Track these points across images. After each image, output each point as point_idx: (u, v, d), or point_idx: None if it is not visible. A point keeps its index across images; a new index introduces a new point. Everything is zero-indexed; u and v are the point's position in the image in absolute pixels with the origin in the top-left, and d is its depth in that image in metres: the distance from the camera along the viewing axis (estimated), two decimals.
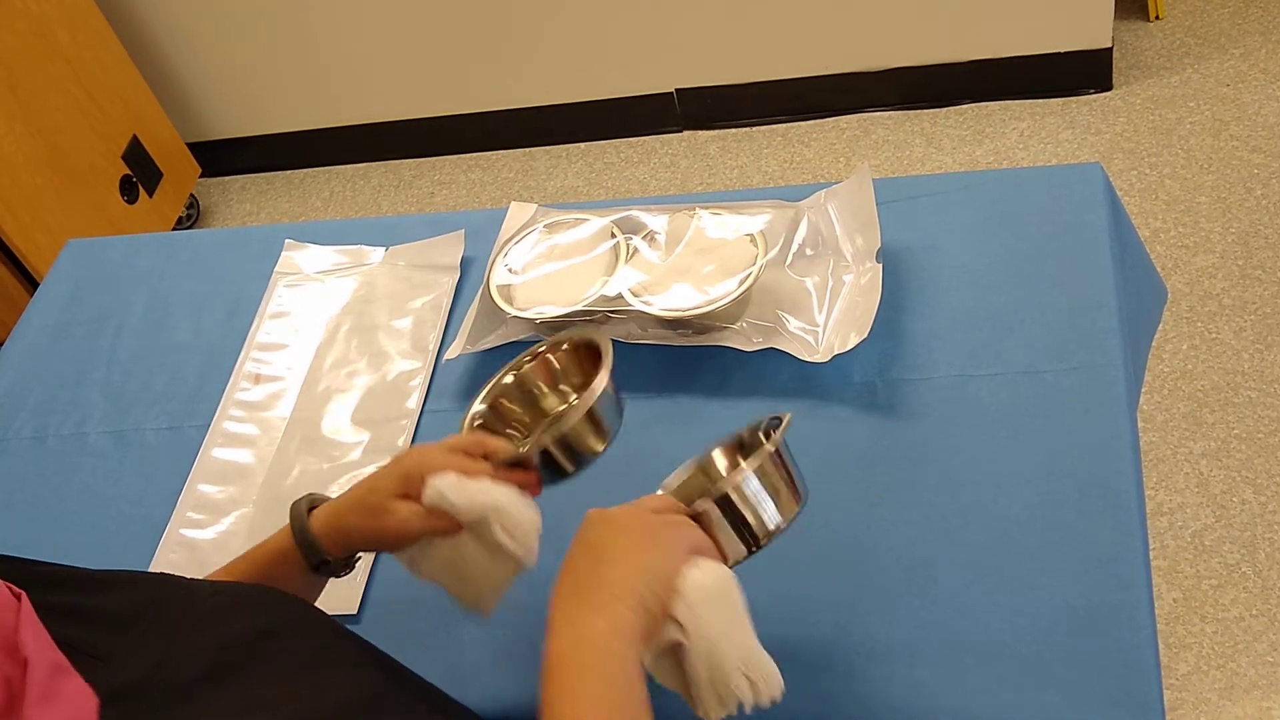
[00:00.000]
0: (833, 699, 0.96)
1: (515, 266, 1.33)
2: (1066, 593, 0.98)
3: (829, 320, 1.21)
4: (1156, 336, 1.77)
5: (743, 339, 1.22)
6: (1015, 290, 1.22)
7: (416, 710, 0.81)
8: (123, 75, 2.70)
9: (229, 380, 1.37)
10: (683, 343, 1.24)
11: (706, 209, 1.32)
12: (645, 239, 1.31)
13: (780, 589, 0.99)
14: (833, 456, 1.03)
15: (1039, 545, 1.01)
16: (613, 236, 1.32)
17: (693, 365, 1.23)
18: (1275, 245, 2.23)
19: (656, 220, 1.32)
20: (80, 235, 1.83)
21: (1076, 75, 2.60)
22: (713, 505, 0.84)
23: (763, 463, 0.85)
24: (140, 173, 2.71)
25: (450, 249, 1.43)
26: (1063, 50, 2.55)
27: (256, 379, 1.37)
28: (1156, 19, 2.74)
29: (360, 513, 0.92)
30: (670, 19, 2.61)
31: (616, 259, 1.29)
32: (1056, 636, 0.95)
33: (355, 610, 1.12)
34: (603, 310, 1.25)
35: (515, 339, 1.29)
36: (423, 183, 2.90)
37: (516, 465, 0.93)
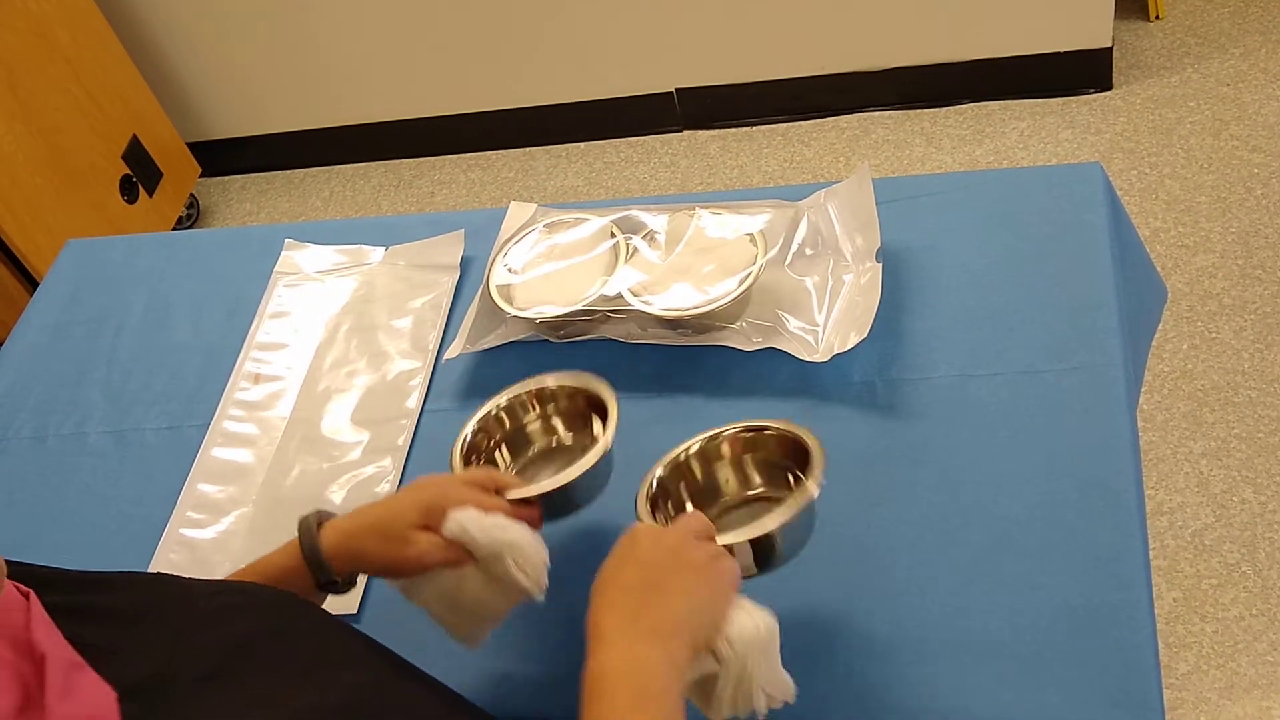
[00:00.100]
0: (833, 699, 0.96)
1: (515, 266, 1.33)
2: (1066, 592, 0.98)
3: (829, 320, 1.21)
4: (1156, 336, 1.77)
5: (742, 339, 1.22)
6: (1015, 290, 1.22)
7: (422, 704, 0.81)
8: (123, 75, 2.70)
9: (229, 380, 1.37)
10: (682, 342, 1.24)
11: (706, 209, 1.32)
12: (645, 239, 1.31)
13: (780, 588, 0.99)
14: (833, 456, 1.02)
15: (1039, 545, 1.01)
16: (612, 236, 1.32)
17: (692, 365, 1.23)
18: (1275, 245, 2.23)
19: (656, 220, 1.32)
20: (80, 235, 1.83)
21: (1076, 75, 2.59)
22: (746, 545, 0.90)
23: (801, 510, 0.91)
24: (140, 172, 2.71)
25: (450, 249, 1.43)
26: (1063, 50, 2.55)
27: (256, 379, 1.37)
28: (1156, 19, 2.73)
29: (379, 539, 0.94)
30: (670, 19, 2.61)
31: (616, 259, 1.29)
32: (1056, 636, 0.95)
33: (355, 610, 1.12)
34: (602, 310, 1.25)
35: (515, 338, 1.29)
36: (422, 182, 2.90)
37: (522, 501, 0.98)
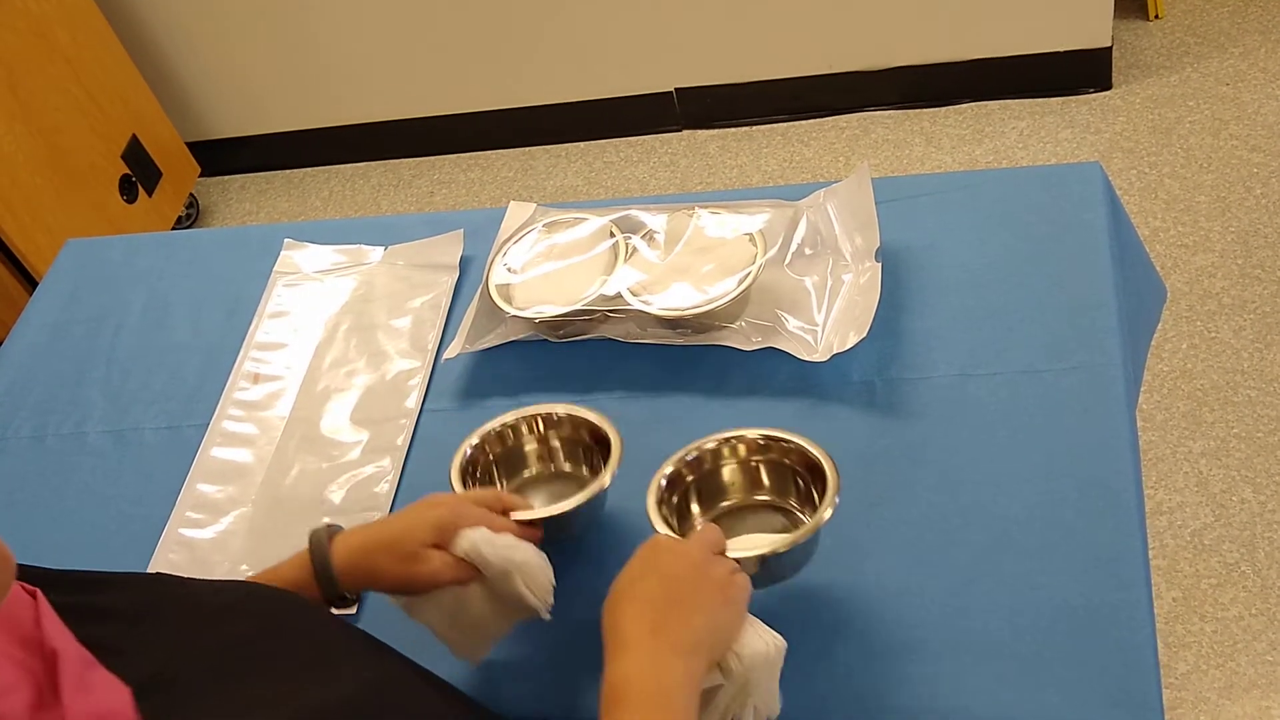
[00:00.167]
0: (833, 699, 0.96)
1: (514, 266, 1.33)
2: (1066, 592, 0.98)
3: (828, 319, 1.21)
4: (1156, 336, 1.77)
5: (742, 338, 1.22)
6: (1014, 290, 1.22)
7: (426, 701, 0.81)
8: (123, 75, 2.70)
9: (228, 379, 1.37)
10: (682, 342, 1.24)
11: (706, 208, 1.32)
12: (644, 238, 1.31)
13: (780, 588, 0.99)
14: (832, 456, 1.03)
15: (1038, 545, 1.01)
16: (612, 236, 1.32)
17: (692, 364, 1.23)
18: (1275, 244, 2.23)
19: (656, 219, 1.32)
20: (80, 235, 1.83)
21: (1076, 74, 2.59)
22: (756, 563, 0.92)
23: (811, 534, 0.94)
24: (140, 172, 2.70)
25: (449, 248, 1.43)
26: (1062, 49, 2.55)
27: (255, 378, 1.37)
28: (1156, 18, 2.73)
29: (393, 557, 0.95)
30: (670, 19, 2.61)
31: (615, 258, 1.29)
32: (1056, 636, 0.95)
33: (354, 610, 1.12)
34: (602, 310, 1.25)
35: (514, 338, 1.29)
36: (422, 182, 2.90)
37: (527, 522, 1.00)
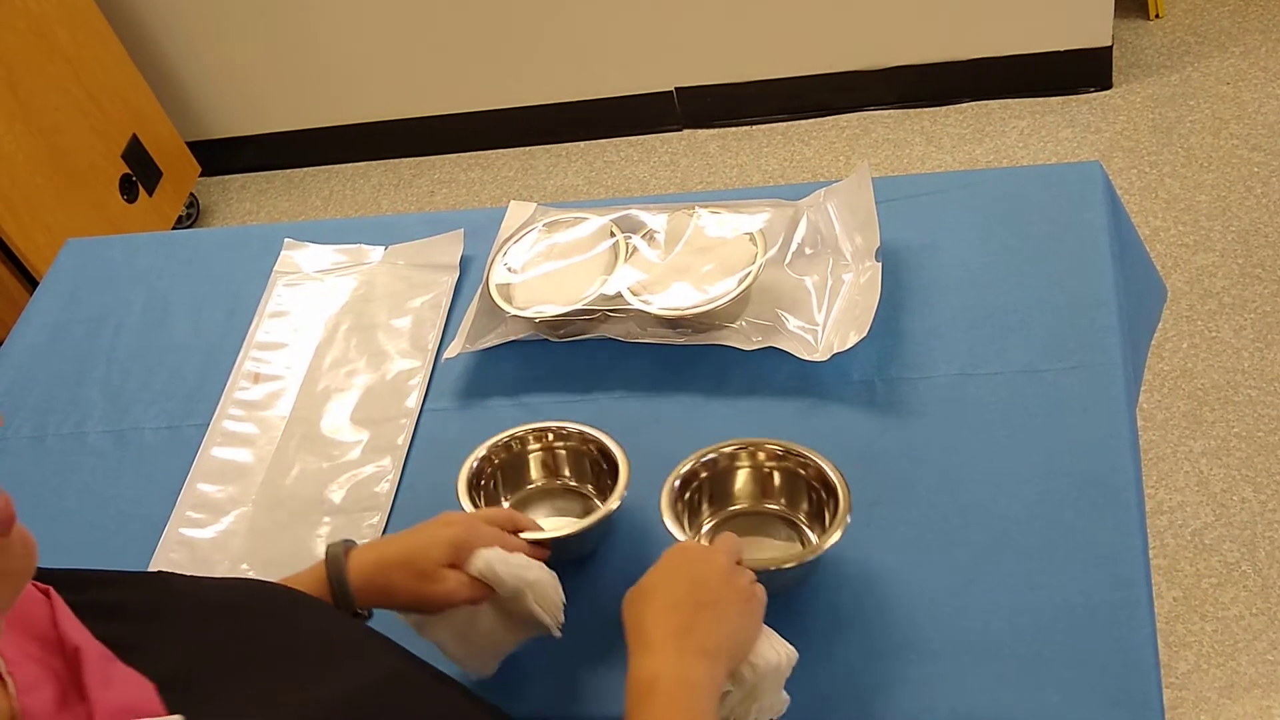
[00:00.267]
0: (833, 699, 0.95)
1: (514, 265, 1.33)
2: (1066, 592, 0.97)
3: (828, 319, 1.21)
4: (1156, 335, 1.77)
5: (742, 338, 1.22)
6: (1015, 289, 1.22)
7: (436, 698, 0.81)
8: (123, 75, 2.70)
9: (228, 379, 1.37)
10: (682, 341, 1.24)
11: (706, 208, 1.32)
12: (644, 238, 1.31)
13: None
14: (832, 455, 1.03)
15: (1038, 544, 1.01)
16: (612, 235, 1.32)
17: (692, 364, 1.23)
18: (1275, 244, 2.23)
19: (656, 219, 1.32)
20: (80, 234, 1.83)
21: (1076, 74, 2.59)
22: (769, 575, 0.94)
23: (817, 555, 0.97)
24: (140, 172, 2.70)
25: (449, 248, 1.43)
26: (1063, 49, 2.55)
27: (256, 378, 1.37)
28: (1156, 17, 2.73)
29: (409, 574, 0.95)
30: (670, 18, 2.61)
31: (616, 258, 1.29)
32: (1056, 635, 0.95)
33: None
34: (602, 309, 1.25)
35: (514, 338, 1.29)
36: (422, 182, 2.90)
37: (537, 542, 1.01)
